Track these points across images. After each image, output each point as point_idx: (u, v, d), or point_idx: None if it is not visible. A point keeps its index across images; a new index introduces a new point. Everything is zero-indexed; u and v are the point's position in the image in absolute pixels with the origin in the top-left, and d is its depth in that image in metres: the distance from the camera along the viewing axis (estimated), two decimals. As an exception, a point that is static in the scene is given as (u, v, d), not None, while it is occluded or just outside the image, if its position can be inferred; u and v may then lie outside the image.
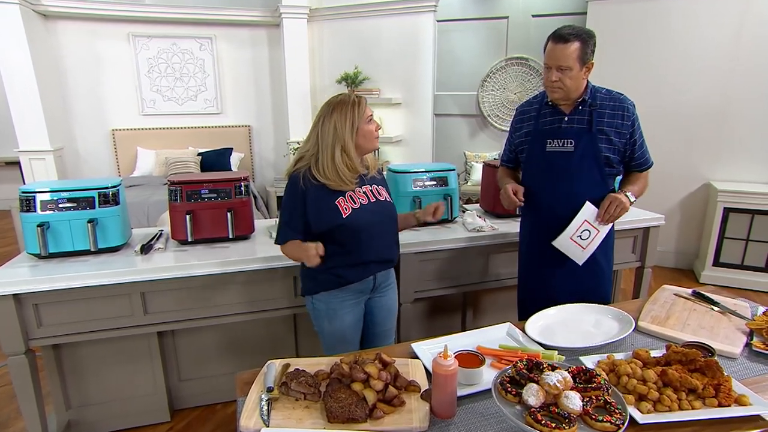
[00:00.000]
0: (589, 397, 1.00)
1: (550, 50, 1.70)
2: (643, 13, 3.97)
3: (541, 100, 1.89)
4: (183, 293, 1.96)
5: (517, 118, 1.98)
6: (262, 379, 1.26)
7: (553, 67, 1.70)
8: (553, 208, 1.84)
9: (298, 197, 1.61)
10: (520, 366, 1.08)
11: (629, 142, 1.79)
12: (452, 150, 5.37)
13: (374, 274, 1.71)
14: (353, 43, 5.15)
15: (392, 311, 1.84)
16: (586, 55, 1.69)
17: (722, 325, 1.51)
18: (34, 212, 1.92)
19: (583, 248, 1.80)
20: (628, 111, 1.77)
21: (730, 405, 1.10)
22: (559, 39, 1.67)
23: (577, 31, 1.68)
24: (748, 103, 3.76)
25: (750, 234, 3.73)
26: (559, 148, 1.81)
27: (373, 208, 1.66)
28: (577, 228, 1.77)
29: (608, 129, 1.76)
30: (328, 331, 1.72)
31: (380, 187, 1.73)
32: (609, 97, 1.79)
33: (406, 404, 1.15)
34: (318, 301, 1.71)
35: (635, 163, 1.85)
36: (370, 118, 1.63)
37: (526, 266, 2.04)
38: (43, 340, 1.86)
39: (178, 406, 2.34)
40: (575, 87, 1.73)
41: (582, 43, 1.67)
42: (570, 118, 1.79)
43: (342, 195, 1.62)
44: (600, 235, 1.79)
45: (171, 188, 2.10)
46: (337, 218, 1.58)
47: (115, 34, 4.99)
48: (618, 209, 1.74)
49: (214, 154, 5.24)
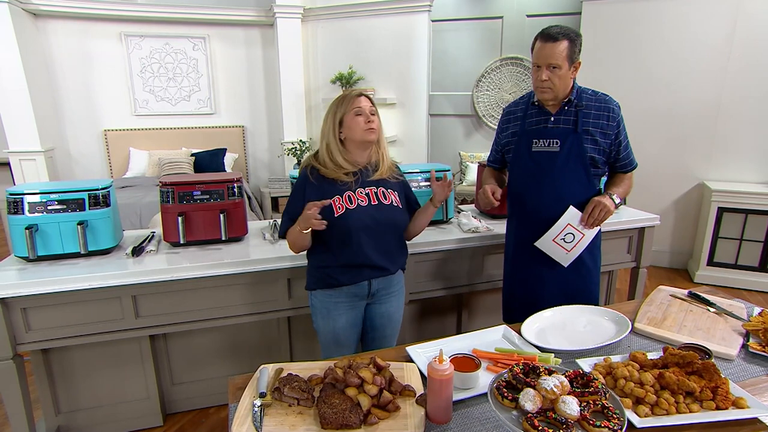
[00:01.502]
0: (587, 401, 0.99)
1: (539, 49, 1.71)
2: (636, 13, 3.98)
3: (527, 100, 1.89)
4: (175, 296, 1.93)
5: (504, 119, 1.99)
6: (254, 384, 1.24)
7: (543, 66, 1.70)
8: (538, 208, 1.84)
9: (299, 190, 1.64)
10: (517, 370, 1.07)
11: (614, 143, 1.80)
12: (447, 150, 5.36)
13: (369, 280, 1.67)
14: (347, 43, 5.13)
15: (393, 319, 1.80)
16: (575, 54, 1.71)
17: (718, 327, 1.50)
18: (22, 214, 1.88)
19: (568, 251, 1.80)
20: (613, 112, 1.77)
21: (728, 408, 1.09)
22: (548, 38, 1.68)
23: (565, 30, 1.69)
24: (741, 103, 3.78)
25: (744, 234, 3.75)
26: (545, 148, 1.81)
27: (372, 211, 1.62)
28: (560, 231, 1.77)
29: (594, 129, 1.76)
30: (322, 329, 1.72)
31: (390, 191, 1.69)
32: (595, 98, 1.79)
33: (401, 409, 1.13)
34: (315, 298, 1.71)
35: (620, 164, 1.86)
36: (359, 110, 1.59)
37: (512, 266, 2.02)
38: (32, 344, 1.83)
39: (171, 410, 2.31)
40: (564, 86, 1.73)
41: (570, 42, 1.68)
42: (556, 118, 1.79)
43: (340, 194, 1.60)
44: (585, 239, 1.79)
45: (162, 189, 2.08)
46: (329, 216, 1.56)
47: (107, 33, 4.94)
48: (602, 213, 1.74)
49: (207, 154, 5.20)
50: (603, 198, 1.76)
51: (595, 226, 1.78)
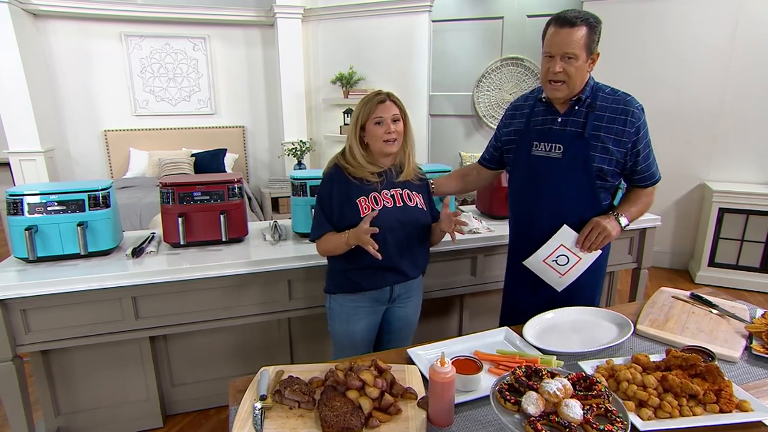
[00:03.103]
0: (590, 405, 0.98)
1: (553, 35, 1.47)
2: (638, 13, 3.97)
3: (536, 95, 1.67)
4: (175, 297, 1.93)
5: (508, 113, 1.77)
6: (255, 386, 1.23)
7: (557, 55, 1.47)
8: (533, 220, 1.66)
9: (326, 191, 1.60)
10: (519, 373, 1.06)
11: (631, 153, 1.54)
12: (447, 150, 5.35)
13: (391, 286, 1.65)
14: (348, 43, 5.12)
15: (411, 322, 1.79)
16: (594, 44, 1.47)
17: (721, 328, 1.49)
18: (22, 215, 1.88)
19: (561, 274, 1.60)
20: (632, 116, 1.51)
21: (732, 411, 1.09)
22: (565, 22, 1.44)
23: (584, 14, 1.46)
24: (742, 103, 3.77)
25: (744, 234, 3.74)
26: (545, 152, 1.60)
27: (397, 213, 1.59)
28: (552, 252, 1.58)
29: (606, 135, 1.52)
30: (339, 332, 1.70)
31: (414, 193, 1.65)
32: (612, 98, 1.55)
33: (403, 412, 1.13)
34: (334, 301, 1.69)
35: (637, 177, 1.61)
36: (380, 119, 1.54)
37: (511, 272, 1.88)
38: (32, 346, 1.82)
39: (171, 411, 2.30)
40: (580, 80, 1.50)
41: (590, 29, 1.45)
42: (564, 119, 1.57)
43: (366, 195, 1.58)
44: (583, 263, 1.59)
45: (162, 190, 2.07)
46: (356, 217, 1.55)
47: (107, 33, 4.94)
48: (600, 237, 1.54)
49: (207, 155, 5.20)
50: (605, 219, 1.55)
51: (593, 251, 1.58)
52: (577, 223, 1.58)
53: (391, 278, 1.64)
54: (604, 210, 1.61)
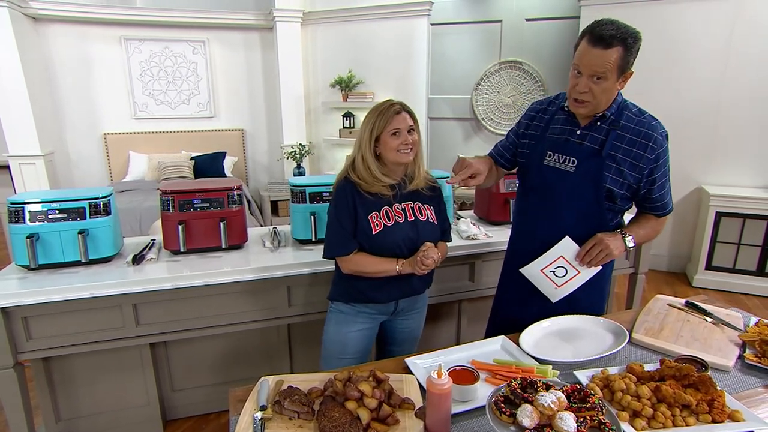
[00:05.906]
0: (584, 417, 1.00)
1: (584, 53, 1.38)
2: (635, 17, 3.96)
3: (559, 103, 1.61)
4: (176, 304, 1.94)
5: (528, 114, 1.70)
6: (255, 396, 1.25)
7: (585, 74, 1.39)
8: (535, 229, 1.64)
9: (347, 204, 1.57)
10: (515, 385, 1.07)
11: (646, 180, 1.49)
12: (446, 153, 5.36)
13: (396, 300, 1.66)
14: (347, 46, 5.13)
15: (415, 334, 1.80)
16: (627, 65, 1.39)
17: (715, 337, 1.51)
18: (24, 223, 1.89)
19: (557, 286, 1.58)
20: (655, 142, 1.44)
21: (724, 421, 1.10)
22: (599, 41, 1.34)
23: (622, 32, 1.35)
24: (739, 107, 3.80)
25: (741, 238, 3.76)
26: (557, 164, 1.55)
27: (408, 228, 1.59)
28: (551, 262, 1.56)
29: (622, 158, 1.46)
30: (331, 336, 1.70)
31: (426, 206, 1.65)
32: (637, 119, 1.47)
33: (401, 422, 1.14)
34: (334, 306, 1.71)
35: (649, 205, 1.57)
36: (397, 131, 1.54)
37: (505, 282, 1.84)
38: (33, 353, 1.84)
39: (171, 416, 2.32)
40: (606, 100, 1.44)
41: (625, 50, 1.36)
42: (582, 133, 1.52)
43: (377, 210, 1.58)
44: (580, 277, 1.55)
45: (163, 198, 2.08)
46: (365, 233, 1.56)
47: (107, 37, 4.95)
48: (602, 254, 1.49)
49: (207, 158, 5.21)
50: (609, 237, 1.50)
51: (593, 266, 1.54)
52: (582, 237, 1.54)
53: (397, 292, 1.65)
54: (611, 229, 1.57)
